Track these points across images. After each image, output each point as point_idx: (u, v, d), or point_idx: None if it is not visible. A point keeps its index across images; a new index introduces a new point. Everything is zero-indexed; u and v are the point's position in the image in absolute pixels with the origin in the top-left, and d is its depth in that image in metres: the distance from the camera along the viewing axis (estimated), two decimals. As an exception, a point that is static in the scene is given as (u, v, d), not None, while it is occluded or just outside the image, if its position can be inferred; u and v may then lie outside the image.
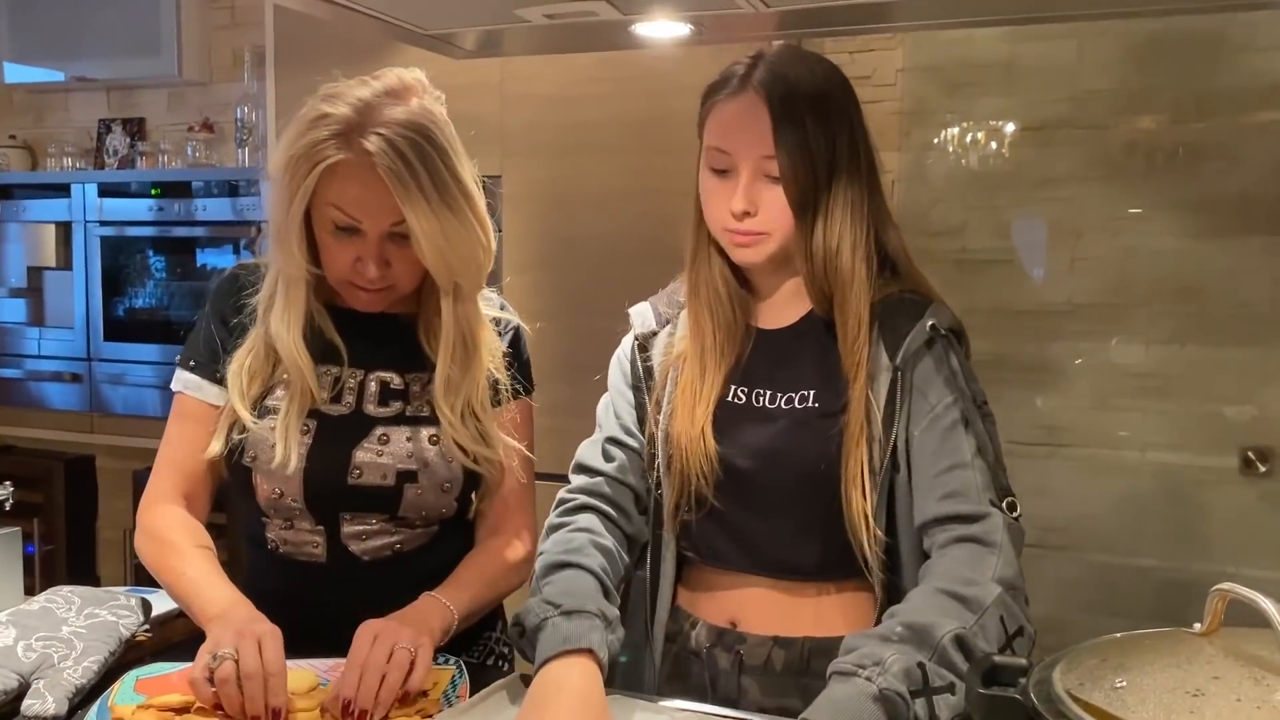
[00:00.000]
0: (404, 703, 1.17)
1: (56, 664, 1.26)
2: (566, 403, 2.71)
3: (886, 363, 1.24)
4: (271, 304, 1.37)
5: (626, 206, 2.62)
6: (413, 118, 1.27)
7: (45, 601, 1.39)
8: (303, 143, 1.26)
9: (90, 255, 3.31)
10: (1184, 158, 2.42)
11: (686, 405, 1.33)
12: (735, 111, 1.26)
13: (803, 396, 1.28)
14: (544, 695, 1.11)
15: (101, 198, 3.28)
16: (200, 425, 1.39)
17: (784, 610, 1.29)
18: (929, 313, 1.25)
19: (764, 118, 1.23)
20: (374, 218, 1.28)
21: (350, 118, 1.26)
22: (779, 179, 1.23)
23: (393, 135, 1.25)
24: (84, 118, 3.63)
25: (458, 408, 1.38)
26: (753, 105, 1.24)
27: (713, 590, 1.35)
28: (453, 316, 1.36)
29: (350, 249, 1.31)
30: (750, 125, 1.24)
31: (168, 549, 1.35)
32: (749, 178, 1.25)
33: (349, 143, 1.25)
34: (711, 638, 1.33)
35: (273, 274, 1.38)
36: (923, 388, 1.23)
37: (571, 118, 2.65)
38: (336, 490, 1.37)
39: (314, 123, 1.27)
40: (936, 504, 1.20)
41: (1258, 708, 0.70)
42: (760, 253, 1.28)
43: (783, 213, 1.25)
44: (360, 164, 1.25)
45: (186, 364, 1.43)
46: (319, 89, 1.32)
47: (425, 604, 1.29)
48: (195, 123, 3.35)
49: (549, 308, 2.71)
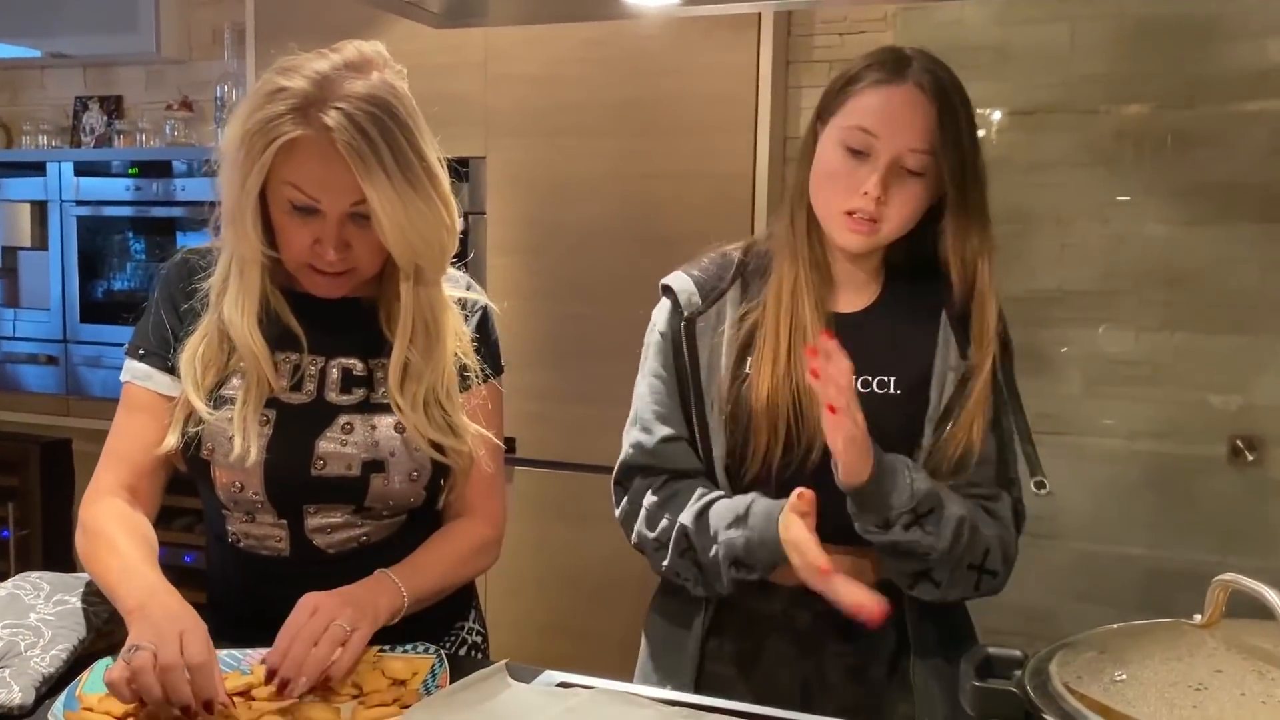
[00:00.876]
0: (324, 688, 1.13)
1: (23, 652, 1.22)
2: (549, 387, 2.70)
3: (956, 361, 1.31)
4: (225, 289, 1.32)
5: (612, 190, 2.58)
6: (374, 92, 1.22)
7: (13, 588, 1.35)
8: (258, 117, 1.21)
9: (66, 235, 3.24)
10: (1174, 144, 2.40)
11: (765, 382, 1.31)
12: (891, 99, 1.26)
13: (881, 381, 1.32)
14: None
15: (78, 176, 3.22)
16: (150, 416, 1.34)
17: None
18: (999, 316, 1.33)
19: (923, 113, 1.24)
20: (333, 197, 1.23)
21: (308, 91, 1.20)
22: (916, 173, 1.26)
23: (353, 110, 1.20)
24: (60, 95, 3.57)
25: (419, 396, 1.33)
26: (913, 97, 1.25)
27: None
28: (413, 300, 1.32)
29: (308, 230, 1.25)
30: (906, 116, 1.25)
31: (100, 542, 1.27)
32: (888, 166, 1.26)
33: (307, 118, 1.20)
34: (790, 600, 1.33)
35: (225, 257, 1.33)
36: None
37: (556, 99, 2.61)
38: (299, 482, 1.32)
39: (270, 96, 1.22)
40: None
41: (1263, 702, 0.68)
42: (869, 242, 1.30)
43: (906, 206, 1.28)
44: (319, 140, 1.20)
45: (135, 353, 1.36)
46: (275, 62, 1.26)
47: (377, 583, 1.26)
48: (174, 101, 3.29)
49: (533, 290, 2.68)
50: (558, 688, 1.17)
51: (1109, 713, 0.71)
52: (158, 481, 1.36)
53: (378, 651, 1.27)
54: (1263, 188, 2.33)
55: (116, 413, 1.37)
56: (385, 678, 1.21)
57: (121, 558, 1.23)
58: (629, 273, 2.58)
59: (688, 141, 2.51)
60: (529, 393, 2.63)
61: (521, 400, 2.72)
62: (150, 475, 1.34)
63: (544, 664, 1.24)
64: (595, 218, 2.60)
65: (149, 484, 1.35)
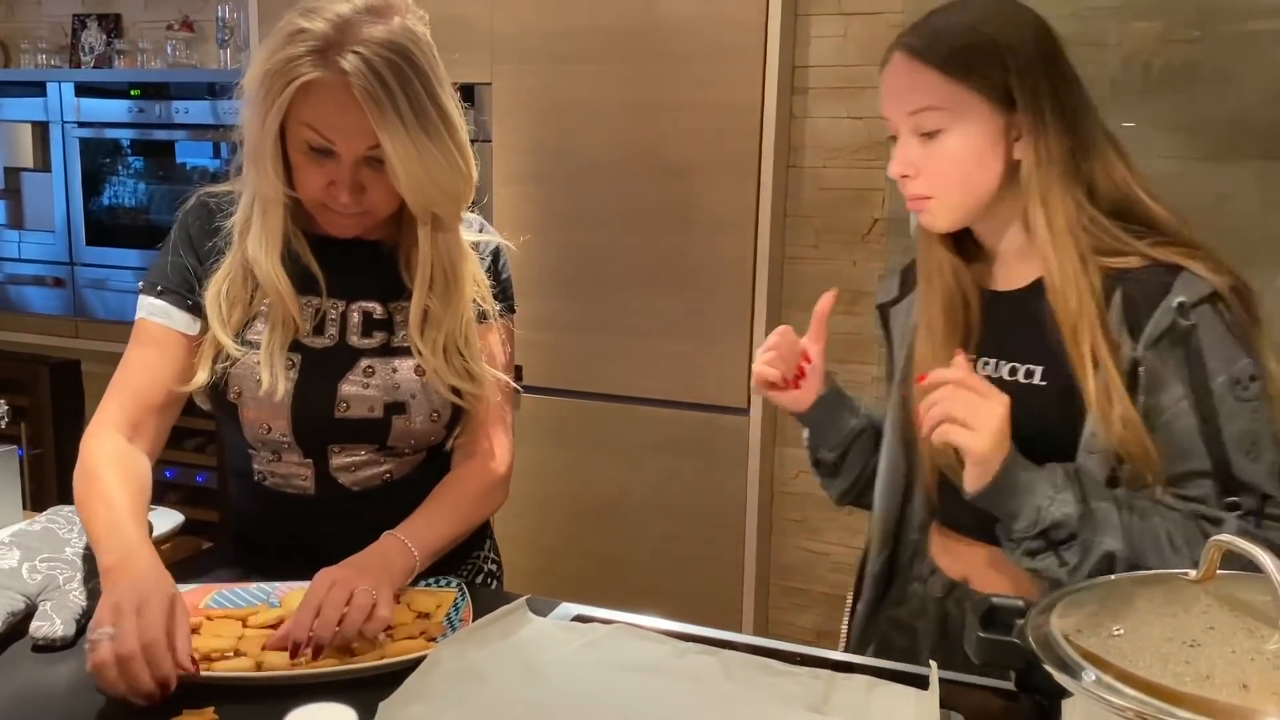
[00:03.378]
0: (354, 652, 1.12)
1: (62, 585, 1.27)
2: (554, 316, 2.72)
3: (1129, 349, 1.13)
4: (248, 228, 1.33)
5: (619, 118, 2.57)
6: (393, 37, 1.22)
7: (46, 522, 1.39)
8: (278, 58, 1.22)
9: (69, 157, 3.23)
10: (1181, 77, 2.39)
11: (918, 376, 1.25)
12: (886, 74, 1.22)
13: (1028, 371, 1.21)
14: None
15: (79, 97, 3.19)
16: (164, 352, 1.34)
17: (1014, 574, 1.21)
18: (1176, 287, 1.12)
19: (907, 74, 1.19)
20: (348, 141, 1.24)
21: (328, 34, 1.21)
22: (932, 134, 1.19)
23: (371, 55, 1.20)
24: (57, 11, 3.51)
25: (438, 343, 1.35)
26: (900, 64, 1.20)
27: (948, 546, 1.33)
28: (431, 247, 1.33)
29: (323, 171, 1.26)
30: (893, 86, 1.21)
31: (93, 488, 1.26)
32: (904, 139, 1.22)
33: (325, 60, 1.20)
34: (945, 589, 1.32)
35: (248, 196, 1.33)
36: (1160, 382, 1.12)
37: (564, 23, 2.58)
38: (324, 424, 1.35)
39: (290, 38, 1.22)
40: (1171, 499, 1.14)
41: (1251, 659, 0.73)
42: (934, 220, 1.24)
43: (938, 174, 1.20)
44: (336, 84, 1.20)
45: (153, 289, 1.36)
46: (298, 3, 1.27)
47: (386, 546, 1.26)
48: (174, 21, 3.24)
49: (538, 220, 2.69)
50: (574, 621, 1.22)
51: (1107, 666, 0.75)
52: (165, 419, 1.37)
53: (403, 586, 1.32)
54: (1268, 124, 2.31)
55: (128, 347, 1.37)
56: (410, 610, 1.26)
57: (110, 509, 1.23)
58: (636, 202, 2.59)
59: (696, 69, 2.49)
60: (533, 321, 2.66)
61: (528, 328, 2.73)
62: (158, 413, 1.35)
63: (549, 583, 1.28)
64: (602, 146, 2.59)
65: (155, 421, 1.35)
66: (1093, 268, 1.16)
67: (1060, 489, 1.10)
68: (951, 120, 1.18)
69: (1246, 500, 1.11)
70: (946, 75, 1.17)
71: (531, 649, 1.14)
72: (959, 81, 1.17)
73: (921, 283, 1.31)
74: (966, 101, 1.17)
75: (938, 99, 1.18)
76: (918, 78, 1.19)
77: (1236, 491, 1.11)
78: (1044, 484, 1.10)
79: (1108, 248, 1.17)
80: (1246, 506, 1.11)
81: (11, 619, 1.22)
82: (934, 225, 1.25)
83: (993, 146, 1.18)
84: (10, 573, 1.27)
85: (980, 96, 1.17)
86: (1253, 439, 1.11)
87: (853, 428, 1.43)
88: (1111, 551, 1.08)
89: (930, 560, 1.35)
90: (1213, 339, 1.11)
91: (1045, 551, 1.11)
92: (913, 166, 1.21)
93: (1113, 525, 1.09)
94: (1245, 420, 1.11)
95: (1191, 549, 1.08)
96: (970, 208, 1.22)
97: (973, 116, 1.17)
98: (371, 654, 1.14)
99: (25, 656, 1.19)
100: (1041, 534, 1.10)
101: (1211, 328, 1.11)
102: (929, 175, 1.21)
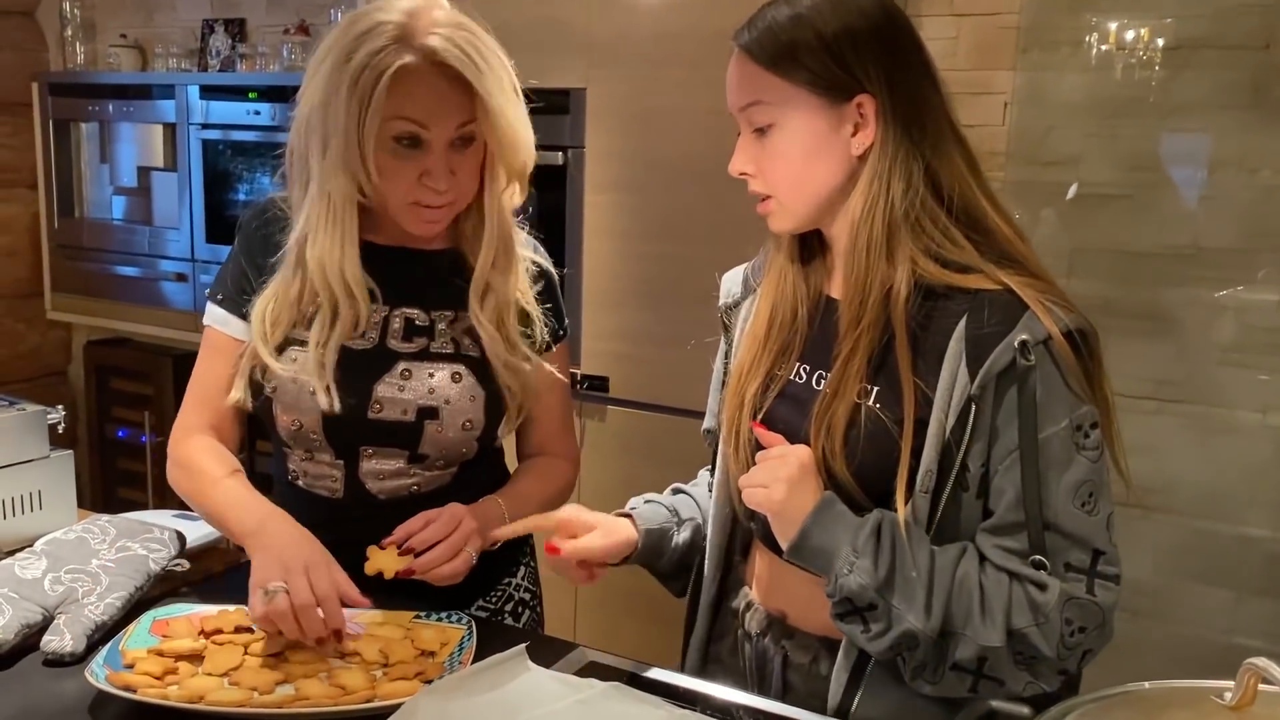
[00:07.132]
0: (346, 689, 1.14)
1: (80, 599, 1.28)
2: (643, 328, 2.65)
3: (965, 382, 1.05)
4: (312, 239, 1.33)
5: (713, 126, 2.47)
6: (457, 18, 1.29)
7: (82, 531, 1.42)
8: (362, 53, 1.24)
9: (194, 157, 3.34)
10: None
11: (733, 383, 1.25)
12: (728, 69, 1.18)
13: (863, 391, 1.11)
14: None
15: (204, 99, 3.30)
16: (225, 360, 1.40)
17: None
18: (1022, 324, 1.04)
19: (737, 68, 1.17)
20: (441, 123, 1.27)
21: (404, 23, 1.26)
22: (763, 129, 1.15)
23: (449, 33, 1.26)
24: (190, 17, 3.64)
25: (496, 312, 1.38)
26: (733, 59, 1.17)
27: (770, 568, 1.26)
28: (497, 214, 1.36)
29: (413, 165, 1.29)
30: (728, 81, 1.18)
31: (198, 475, 1.37)
32: (743, 136, 1.18)
33: (411, 46, 1.25)
34: (762, 625, 1.26)
35: (309, 209, 1.33)
36: (1000, 423, 1.05)
37: (662, 27, 2.50)
38: (356, 424, 1.36)
39: (368, 33, 1.25)
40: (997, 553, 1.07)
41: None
42: (777, 222, 1.20)
43: (772, 172, 1.16)
44: (424, 66, 1.25)
45: (215, 297, 1.43)
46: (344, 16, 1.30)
47: (493, 506, 1.37)
48: (291, 25, 3.31)
49: (629, 229, 2.62)
50: (575, 676, 1.15)
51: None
52: (236, 422, 1.44)
53: (413, 619, 1.28)
54: None
55: (199, 355, 1.44)
56: (414, 648, 1.22)
57: (224, 488, 1.34)
58: (726, 214, 2.48)
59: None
60: (621, 333, 2.60)
61: (614, 340, 2.68)
62: (228, 416, 1.43)
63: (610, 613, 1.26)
64: (695, 155, 2.50)
65: (228, 423, 1.43)
66: (922, 274, 1.09)
67: (861, 553, 1.05)
68: (779, 115, 1.13)
69: (1077, 557, 1.05)
70: (769, 69, 1.13)
71: (518, 702, 1.08)
72: (782, 75, 1.12)
73: (761, 286, 1.27)
74: (791, 95, 1.12)
75: (762, 93, 1.13)
76: (745, 71, 1.15)
77: (1065, 550, 1.05)
78: (845, 547, 1.06)
79: (951, 258, 1.09)
80: (1077, 564, 1.04)
81: (26, 631, 1.24)
82: (777, 227, 1.20)
83: (824, 141, 1.12)
84: (32, 584, 1.29)
85: (806, 89, 1.11)
86: (1090, 490, 1.04)
87: (680, 544, 1.36)
88: (912, 631, 1.04)
89: (748, 592, 1.29)
90: (1053, 383, 1.04)
91: (851, 615, 1.07)
92: (751, 164, 1.17)
93: (917, 603, 1.04)
94: (1084, 470, 1.04)
95: (1008, 616, 1.03)
96: (808, 207, 1.16)
97: (799, 110, 1.12)
98: (361, 694, 1.12)
99: (36, 670, 1.21)
100: (845, 599, 1.06)
101: (1053, 371, 1.04)
102: (765, 174, 1.17)
